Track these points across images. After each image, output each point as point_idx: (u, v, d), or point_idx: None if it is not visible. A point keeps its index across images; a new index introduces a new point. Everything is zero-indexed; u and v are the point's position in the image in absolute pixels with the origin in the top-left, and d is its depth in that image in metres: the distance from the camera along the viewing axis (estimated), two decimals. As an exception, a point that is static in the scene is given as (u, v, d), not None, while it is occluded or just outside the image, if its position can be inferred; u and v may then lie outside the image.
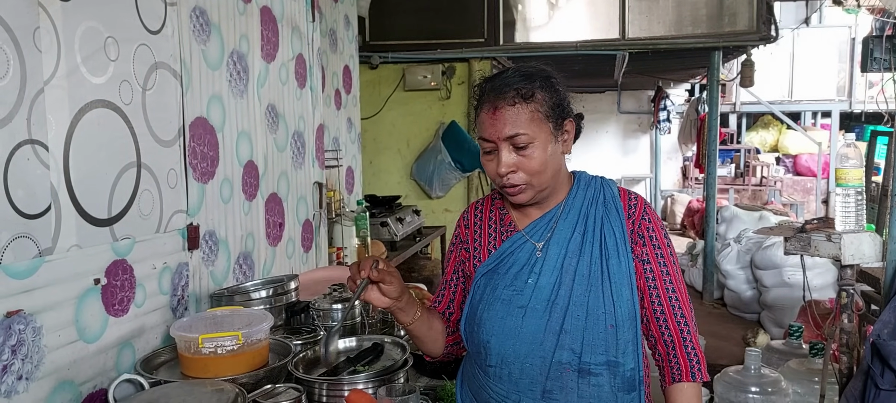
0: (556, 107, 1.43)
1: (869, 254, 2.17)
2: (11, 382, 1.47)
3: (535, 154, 1.41)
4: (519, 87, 1.40)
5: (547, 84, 1.43)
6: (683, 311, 1.49)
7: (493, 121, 1.40)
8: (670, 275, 1.50)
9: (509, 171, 1.42)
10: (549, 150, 1.42)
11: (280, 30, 2.85)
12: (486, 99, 1.43)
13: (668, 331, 1.48)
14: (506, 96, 1.40)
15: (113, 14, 1.80)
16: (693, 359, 1.47)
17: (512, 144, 1.40)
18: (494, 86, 1.43)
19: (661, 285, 1.49)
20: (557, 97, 1.44)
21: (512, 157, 1.41)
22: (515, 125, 1.39)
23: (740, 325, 5.85)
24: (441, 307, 1.64)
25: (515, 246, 1.52)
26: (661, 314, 1.48)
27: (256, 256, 2.64)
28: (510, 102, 1.39)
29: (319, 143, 3.30)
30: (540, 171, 1.42)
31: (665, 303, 1.48)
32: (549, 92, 1.43)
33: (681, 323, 1.48)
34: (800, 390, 2.25)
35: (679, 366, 1.47)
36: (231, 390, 1.54)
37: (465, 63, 5.83)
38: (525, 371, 1.45)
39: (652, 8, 5.77)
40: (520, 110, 1.39)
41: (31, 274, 1.53)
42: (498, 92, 1.41)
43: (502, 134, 1.40)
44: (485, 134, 1.43)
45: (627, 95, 12.28)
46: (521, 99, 1.39)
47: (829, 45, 11.34)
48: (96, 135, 1.73)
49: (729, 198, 10.73)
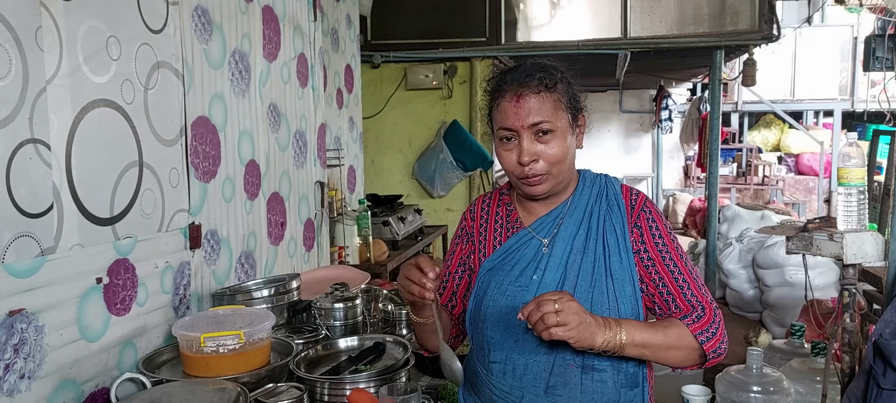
0: (573, 99, 1.46)
1: (871, 254, 2.16)
2: (14, 381, 1.48)
3: (557, 143, 1.42)
4: (542, 77, 1.42)
5: (565, 77, 1.46)
6: (689, 284, 1.46)
7: (517, 109, 1.41)
8: (671, 254, 1.48)
9: (531, 160, 1.42)
10: (568, 141, 1.45)
11: (282, 29, 2.85)
12: (509, 88, 1.43)
13: (674, 303, 1.46)
14: (530, 85, 1.41)
15: (115, 13, 1.81)
16: (707, 332, 1.42)
17: (537, 131, 1.41)
18: (517, 76, 1.44)
19: (660, 263, 1.47)
20: (573, 91, 1.47)
21: (534, 146, 1.42)
22: (540, 112, 1.40)
23: (742, 324, 5.84)
24: (443, 300, 1.64)
25: (521, 242, 1.52)
26: (663, 287, 1.46)
27: (258, 255, 2.64)
28: (535, 90, 1.41)
29: (321, 143, 3.31)
30: (560, 161, 1.43)
31: (667, 279, 1.46)
32: (567, 84, 1.46)
33: (683, 286, 1.46)
34: (802, 389, 2.24)
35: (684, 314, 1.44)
36: (233, 389, 1.55)
37: (466, 62, 5.83)
38: (529, 367, 1.45)
39: (654, 7, 5.76)
40: (544, 98, 1.41)
41: (34, 273, 1.53)
42: (521, 81, 1.42)
43: (527, 121, 1.40)
44: (507, 123, 1.42)
45: (629, 94, 12.26)
46: (545, 88, 1.41)
47: (832, 44, 11.31)
48: (98, 134, 1.73)
49: (731, 198, 10.72)
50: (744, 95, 11.52)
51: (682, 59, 6.99)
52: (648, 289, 1.48)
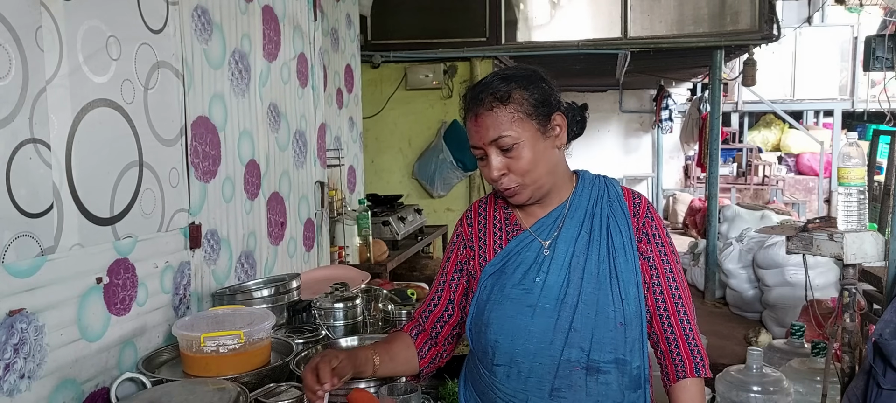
0: (539, 103, 1.44)
1: (871, 254, 2.16)
2: (14, 380, 1.48)
3: (523, 153, 1.42)
4: (494, 92, 1.42)
5: (526, 82, 1.44)
6: (686, 309, 1.50)
7: (477, 128, 1.44)
8: (673, 273, 1.51)
9: (501, 174, 1.44)
10: (539, 148, 1.43)
11: (282, 29, 2.85)
12: (469, 108, 1.46)
13: (671, 328, 1.49)
14: (483, 103, 1.43)
15: (115, 13, 1.80)
16: (697, 356, 1.47)
17: (497, 147, 1.42)
18: (473, 94, 1.46)
19: (665, 283, 1.50)
20: (540, 93, 1.44)
21: (500, 160, 1.43)
22: (496, 128, 1.41)
23: (742, 324, 5.84)
24: (437, 312, 1.63)
25: (522, 245, 1.52)
26: (664, 311, 1.49)
27: (258, 255, 2.64)
28: (487, 108, 1.42)
29: (321, 142, 3.31)
30: (529, 170, 1.43)
31: (668, 301, 1.49)
32: (529, 89, 1.43)
33: (684, 320, 1.49)
34: (802, 389, 2.24)
35: (683, 363, 1.47)
36: (233, 389, 1.55)
37: (466, 62, 5.83)
38: (534, 369, 1.45)
39: (654, 7, 5.76)
40: (498, 113, 1.41)
41: (34, 272, 1.53)
42: (475, 99, 1.44)
43: (486, 139, 1.42)
44: (472, 141, 1.46)
45: (629, 94, 12.26)
46: (498, 102, 1.41)
47: (832, 43, 11.31)
48: (98, 134, 1.73)
49: (731, 198, 10.72)
50: (744, 95, 11.52)
51: (682, 59, 6.99)
52: (649, 311, 1.50)
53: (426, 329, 1.63)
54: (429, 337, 1.63)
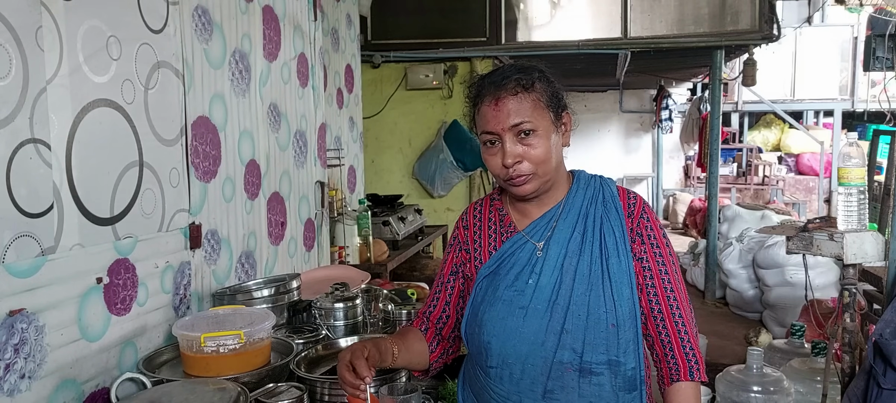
0: (554, 97, 1.46)
1: (871, 254, 2.17)
2: (14, 380, 1.48)
3: (540, 142, 1.42)
4: (519, 78, 1.43)
5: (543, 76, 1.47)
6: (681, 311, 1.49)
7: (497, 112, 1.42)
8: (668, 275, 1.50)
9: (515, 162, 1.42)
10: (552, 140, 1.45)
11: (282, 29, 2.85)
12: (487, 92, 1.45)
13: (665, 331, 1.48)
14: (507, 87, 1.42)
15: (115, 13, 1.81)
16: (691, 359, 1.46)
17: (518, 132, 1.42)
18: (494, 79, 1.45)
19: (659, 284, 1.49)
20: (554, 89, 1.47)
21: (517, 147, 1.42)
22: (519, 113, 1.41)
23: (742, 324, 5.84)
24: (436, 313, 1.63)
25: (516, 246, 1.52)
26: (658, 313, 1.48)
27: (258, 255, 2.64)
28: (512, 92, 1.42)
29: (321, 142, 3.31)
30: (545, 160, 1.43)
31: (663, 303, 1.48)
32: (546, 83, 1.46)
33: (678, 322, 1.48)
34: (802, 389, 2.24)
35: (677, 366, 1.46)
36: (233, 389, 1.55)
37: (467, 62, 5.83)
38: (526, 371, 1.45)
39: (654, 7, 5.76)
40: (522, 99, 1.42)
41: (34, 272, 1.53)
42: (498, 84, 1.43)
43: (507, 124, 1.41)
44: (488, 127, 1.44)
45: (629, 94, 12.26)
46: (522, 88, 1.42)
47: (832, 43, 11.32)
48: (98, 134, 1.73)
49: (731, 198, 10.72)
50: (744, 95, 11.52)
51: (683, 59, 6.99)
52: (644, 313, 1.50)
53: (431, 325, 1.64)
54: (435, 333, 1.64)
